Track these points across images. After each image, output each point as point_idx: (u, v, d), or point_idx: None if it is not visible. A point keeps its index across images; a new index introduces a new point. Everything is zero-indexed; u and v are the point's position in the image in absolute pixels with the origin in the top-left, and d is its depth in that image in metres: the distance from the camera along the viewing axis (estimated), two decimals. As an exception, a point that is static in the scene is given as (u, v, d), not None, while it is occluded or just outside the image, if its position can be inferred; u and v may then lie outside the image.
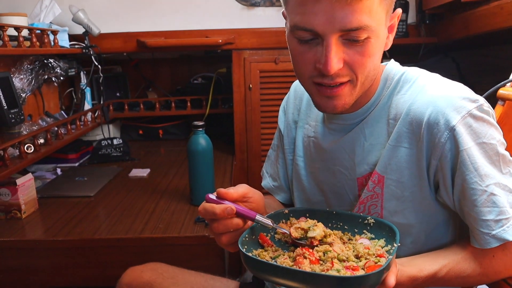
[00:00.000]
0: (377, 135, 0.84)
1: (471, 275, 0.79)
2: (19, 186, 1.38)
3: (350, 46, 0.73)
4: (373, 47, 0.74)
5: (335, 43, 0.72)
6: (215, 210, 0.75)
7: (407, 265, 0.77)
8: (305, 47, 0.76)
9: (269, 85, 2.13)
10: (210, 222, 0.78)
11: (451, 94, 0.77)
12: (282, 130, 1.04)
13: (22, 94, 1.62)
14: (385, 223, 0.79)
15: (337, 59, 0.73)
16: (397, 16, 0.81)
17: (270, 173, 1.10)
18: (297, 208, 0.87)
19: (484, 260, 0.79)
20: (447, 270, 0.78)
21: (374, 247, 0.75)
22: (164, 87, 2.66)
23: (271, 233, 0.82)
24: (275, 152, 1.09)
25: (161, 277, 1.06)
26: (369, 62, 0.75)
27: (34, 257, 1.27)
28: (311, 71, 0.77)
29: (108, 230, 1.30)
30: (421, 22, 2.13)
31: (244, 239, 0.75)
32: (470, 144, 0.74)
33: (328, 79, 0.75)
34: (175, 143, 2.51)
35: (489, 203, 0.74)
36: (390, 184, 0.82)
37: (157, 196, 1.60)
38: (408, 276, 0.76)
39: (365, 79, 0.77)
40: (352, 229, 0.82)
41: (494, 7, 1.51)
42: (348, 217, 0.83)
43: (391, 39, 0.82)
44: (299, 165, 0.99)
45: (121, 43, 2.14)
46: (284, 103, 1.06)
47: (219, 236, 0.78)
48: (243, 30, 2.12)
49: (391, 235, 0.76)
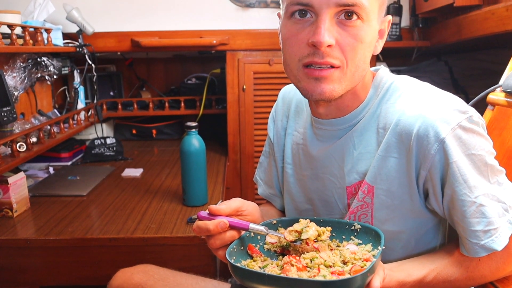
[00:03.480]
0: (366, 144, 0.84)
1: (458, 279, 0.81)
2: (11, 184, 1.37)
3: (343, 27, 0.75)
4: (366, 34, 0.75)
5: (329, 19, 0.74)
6: (208, 226, 0.76)
7: (396, 270, 0.78)
8: (298, 26, 0.77)
9: (263, 86, 2.14)
10: (207, 238, 0.79)
11: (441, 105, 0.77)
12: (272, 138, 1.04)
13: (15, 92, 1.61)
14: (371, 228, 0.80)
15: (329, 33, 0.74)
16: (388, 22, 0.82)
17: (264, 180, 1.10)
18: (284, 218, 0.88)
19: (471, 264, 0.80)
20: (434, 275, 0.80)
21: (361, 252, 0.76)
22: (158, 87, 2.66)
23: (260, 244, 0.83)
24: (267, 159, 1.09)
25: (152, 279, 1.06)
26: (359, 48, 0.76)
27: (25, 256, 1.26)
28: (302, 51, 0.77)
29: (100, 230, 1.30)
30: (414, 25, 2.15)
31: (232, 250, 0.76)
32: (459, 156, 0.74)
33: (318, 56, 0.75)
34: (168, 143, 2.50)
35: (478, 214, 0.75)
36: (380, 194, 0.82)
37: (149, 196, 1.60)
38: (397, 281, 0.77)
39: (355, 68, 0.77)
40: (340, 236, 0.83)
41: (486, 12, 1.53)
42: (335, 224, 0.84)
43: (381, 44, 0.83)
44: (288, 173, 0.99)
45: (115, 42, 2.14)
46: (273, 111, 1.06)
47: (217, 251, 0.79)
48: (238, 31, 2.13)
49: (377, 239, 0.78)
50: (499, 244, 0.75)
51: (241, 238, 0.79)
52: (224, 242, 0.77)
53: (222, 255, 0.78)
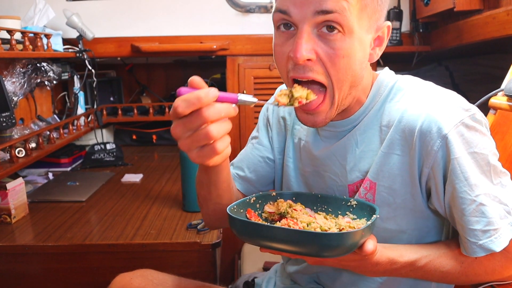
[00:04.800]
0: (369, 142, 0.84)
1: (450, 272, 0.80)
2: (9, 190, 1.36)
3: (324, 41, 0.73)
4: (349, 47, 0.73)
5: (307, 31, 0.73)
6: (199, 93, 0.61)
7: (388, 248, 0.79)
8: (282, 39, 0.77)
9: (263, 91, 2.14)
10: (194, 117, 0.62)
11: (444, 102, 0.77)
12: (271, 122, 1.02)
13: (14, 98, 1.60)
14: (366, 204, 0.82)
15: (308, 46, 0.72)
16: (387, 28, 0.81)
17: (235, 162, 1.05)
18: (284, 192, 0.90)
19: (466, 260, 0.80)
20: (426, 261, 0.79)
21: (356, 223, 0.78)
22: (158, 92, 2.66)
23: (258, 211, 0.85)
24: (251, 145, 1.05)
25: (151, 283, 1.05)
26: (342, 62, 0.74)
27: (24, 262, 1.25)
28: (287, 65, 0.77)
29: (99, 236, 1.29)
30: (415, 30, 2.15)
31: (233, 208, 0.78)
32: (461, 153, 0.74)
33: (300, 71, 0.75)
34: (168, 148, 2.49)
35: (478, 213, 0.75)
36: (382, 191, 0.82)
37: (149, 202, 1.59)
38: (387, 258, 0.77)
39: (342, 83, 0.76)
40: (336, 211, 0.85)
41: (487, 17, 1.53)
42: (332, 199, 0.86)
43: (378, 53, 0.82)
44: (289, 167, 0.98)
45: (115, 48, 2.14)
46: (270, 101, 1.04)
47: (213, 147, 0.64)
48: (238, 36, 2.13)
49: (372, 213, 0.79)
50: (498, 245, 0.75)
51: (241, 202, 0.81)
52: (219, 116, 0.63)
53: (220, 147, 0.64)
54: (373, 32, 0.78)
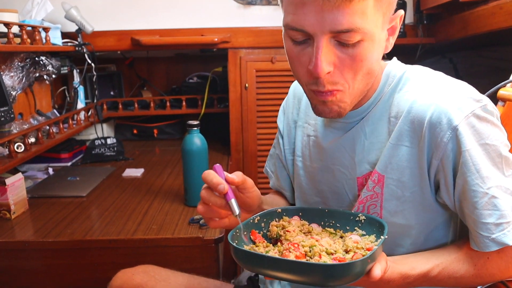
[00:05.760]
0: (378, 133, 0.82)
1: (464, 276, 0.78)
2: (9, 186, 1.35)
3: (341, 49, 0.71)
4: (367, 51, 0.71)
5: (325, 45, 0.70)
6: (214, 179, 0.79)
7: (399, 262, 0.76)
8: (298, 48, 0.74)
9: (266, 84, 2.11)
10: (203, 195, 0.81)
11: (455, 93, 0.75)
12: (282, 130, 1.03)
13: (13, 92, 1.58)
14: (375, 219, 0.79)
15: (327, 61, 0.70)
16: (399, 18, 0.78)
17: (275, 173, 1.08)
18: (290, 207, 0.87)
19: (479, 262, 0.78)
20: (439, 270, 0.77)
21: (364, 242, 0.75)
22: (159, 86, 2.63)
23: (263, 231, 0.82)
24: (276, 151, 1.07)
25: (153, 279, 1.03)
26: (360, 67, 0.72)
27: (23, 258, 1.24)
28: (306, 77, 0.75)
29: (100, 231, 1.27)
30: (419, 22, 2.12)
31: (235, 233, 0.75)
32: (472, 145, 0.72)
33: (320, 86, 0.73)
34: (170, 142, 2.48)
35: (490, 206, 0.73)
36: (390, 184, 0.80)
37: (150, 197, 1.57)
38: (399, 273, 0.74)
39: (359, 83, 0.75)
40: (344, 227, 0.82)
41: (493, 7, 1.50)
42: (340, 214, 0.84)
43: (391, 42, 0.80)
44: (298, 166, 0.97)
45: (115, 41, 2.11)
46: (284, 103, 1.05)
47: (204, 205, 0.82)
48: (239, 29, 2.10)
49: (381, 230, 0.76)
50: (511, 238, 0.73)
51: (245, 224, 0.79)
52: (215, 203, 0.80)
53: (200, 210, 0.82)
54: (387, 25, 0.76)
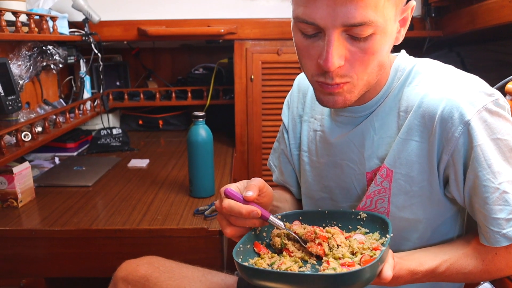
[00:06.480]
0: (387, 128, 0.82)
1: (472, 272, 0.78)
2: (16, 174, 1.36)
3: (353, 43, 0.71)
4: (378, 44, 0.71)
5: (337, 38, 0.69)
6: (242, 210, 0.74)
7: (406, 258, 0.76)
8: (308, 41, 0.74)
9: (271, 76, 2.10)
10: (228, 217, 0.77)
11: (466, 87, 0.75)
12: (287, 125, 1.02)
13: (20, 81, 1.59)
14: (377, 216, 0.79)
15: (338, 55, 0.70)
16: (411, 8, 0.77)
17: (278, 167, 1.08)
18: (289, 213, 0.87)
19: (487, 257, 0.78)
20: (447, 266, 0.77)
21: (369, 241, 0.75)
22: (165, 77, 2.63)
23: (266, 240, 0.82)
24: (280, 145, 1.07)
25: (157, 270, 1.04)
26: (371, 60, 0.72)
27: (30, 246, 1.25)
28: (314, 69, 0.75)
29: (105, 221, 1.28)
30: (427, 15, 2.09)
31: (239, 249, 0.75)
32: (484, 140, 0.72)
33: (329, 78, 0.73)
34: (175, 133, 2.48)
35: (501, 201, 0.72)
36: (399, 179, 0.80)
37: (156, 187, 1.58)
38: (407, 270, 0.74)
39: (367, 76, 0.75)
40: (347, 226, 0.82)
41: (503, 0, 1.48)
42: (341, 214, 0.83)
43: (402, 33, 0.79)
44: (304, 161, 0.97)
45: (122, 31, 2.11)
46: (288, 98, 1.04)
47: (227, 229, 0.78)
48: (246, 20, 2.09)
49: (384, 227, 0.76)
50: None
51: (248, 236, 0.78)
52: (244, 225, 0.77)
53: (230, 233, 0.77)
54: (399, 16, 0.75)
